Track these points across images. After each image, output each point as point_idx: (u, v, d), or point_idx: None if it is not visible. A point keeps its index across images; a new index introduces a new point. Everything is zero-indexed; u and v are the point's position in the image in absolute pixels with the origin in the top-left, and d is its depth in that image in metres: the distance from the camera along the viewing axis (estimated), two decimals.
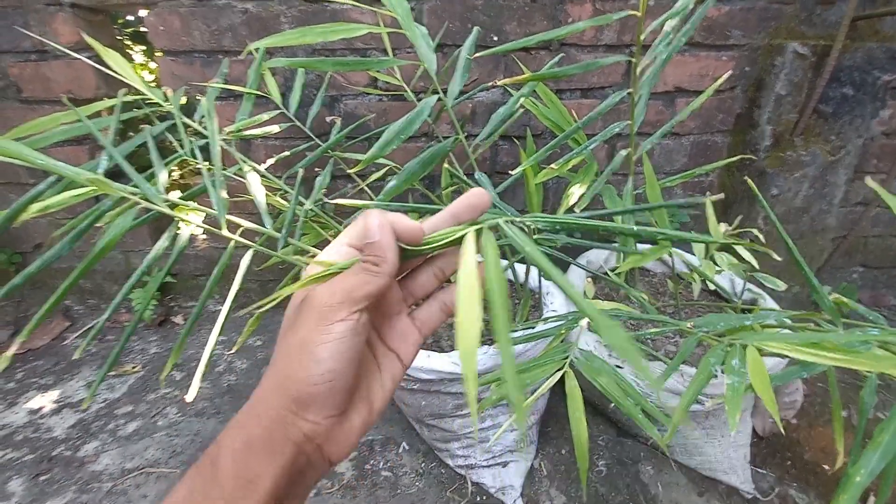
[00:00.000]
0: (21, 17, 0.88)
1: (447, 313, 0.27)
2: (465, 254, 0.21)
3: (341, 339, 0.21)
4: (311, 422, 0.22)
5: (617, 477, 0.75)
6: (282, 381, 0.22)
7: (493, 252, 0.20)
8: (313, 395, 0.22)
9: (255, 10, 0.87)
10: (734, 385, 0.39)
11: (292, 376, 0.22)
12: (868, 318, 0.50)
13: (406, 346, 0.26)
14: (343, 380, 0.22)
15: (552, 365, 0.48)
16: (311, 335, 0.21)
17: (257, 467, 0.21)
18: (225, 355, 1.03)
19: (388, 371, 0.26)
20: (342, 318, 0.21)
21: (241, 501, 0.20)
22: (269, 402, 0.22)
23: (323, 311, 0.21)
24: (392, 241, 0.22)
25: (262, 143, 0.99)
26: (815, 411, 0.88)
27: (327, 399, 0.22)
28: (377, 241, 0.22)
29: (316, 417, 0.22)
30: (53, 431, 0.84)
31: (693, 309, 0.87)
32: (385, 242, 0.22)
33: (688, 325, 0.52)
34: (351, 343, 0.22)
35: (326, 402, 0.22)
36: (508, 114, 0.67)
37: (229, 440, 0.22)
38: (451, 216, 0.24)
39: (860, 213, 1.14)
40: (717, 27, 0.93)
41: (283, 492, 0.22)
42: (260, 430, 0.22)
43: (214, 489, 0.21)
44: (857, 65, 0.91)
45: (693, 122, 1.02)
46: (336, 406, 0.23)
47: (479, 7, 0.89)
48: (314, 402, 0.22)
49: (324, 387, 0.21)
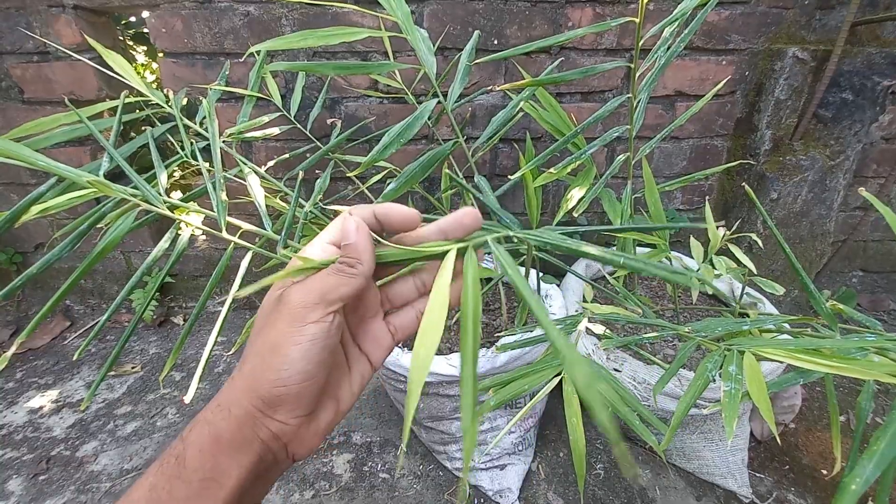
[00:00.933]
0: (24, 19, 0.88)
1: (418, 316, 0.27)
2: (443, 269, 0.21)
3: (313, 341, 0.21)
4: (280, 421, 0.22)
5: (615, 480, 0.75)
6: (252, 382, 0.22)
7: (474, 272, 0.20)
8: (283, 397, 0.22)
9: (257, 13, 0.87)
10: (731, 391, 0.39)
11: (263, 377, 0.21)
12: (865, 324, 0.50)
13: (379, 349, 0.26)
14: (314, 381, 0.22)
15: (550, 370, 0.48)
16: (284, 336, 0.21)
17: (224, 464, 0.21)
18: (224, 356, 1.03)
19: (358, 372, 0.26)
20: (315, 319, 0.21)
21: (206, 498, 0.20)
22: (238, 400, 0.22)
23: (296, 312, 0.21)
24: (368, 243, 0.22)
25: (262, 145, 0.99)
26: (813, 416, 0.88)
27: (297, 400, 0.22)
28: (353, 244, 0.22)
29: (285, 418, 0.22)
30: (53, 431, 0.84)
31: (692, 313, 0.87)
32: (361, 245, 0.22)
33: (685, 330, 0.52)
34: (323, 345, 0.21)
35: (296, 403, 0.22)
36: (508, 117, 0.67)
37: (196, 437, 0.22)
38: (440, 231, 0.24)
39: (859, 218, 1.14)
40: (717, 32, 0.93)
41: (247, 488, 0.22)
42: (228, 427, 0.22)
43: (179, 486, 0.21)
44: (856, 70, 0.91)
45: (693, 126, 1.02)
46: (305, 407, 0.23)
47: (479, 11, 0.89)
48: (284, 403, 0.22)
49: (294, 388, 0.21)
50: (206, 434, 0.22)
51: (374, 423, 0.86)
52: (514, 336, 0.67)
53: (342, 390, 0.25)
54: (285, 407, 0.22)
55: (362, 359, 0.26)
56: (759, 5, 0.92)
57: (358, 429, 0.85)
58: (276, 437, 0.22)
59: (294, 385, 0.21)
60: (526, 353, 0.68)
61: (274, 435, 0.22)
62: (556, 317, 0.74)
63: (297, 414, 0.22)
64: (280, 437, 0.22)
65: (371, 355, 0.26)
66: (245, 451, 0.21)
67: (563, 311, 0.76)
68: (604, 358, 0.75)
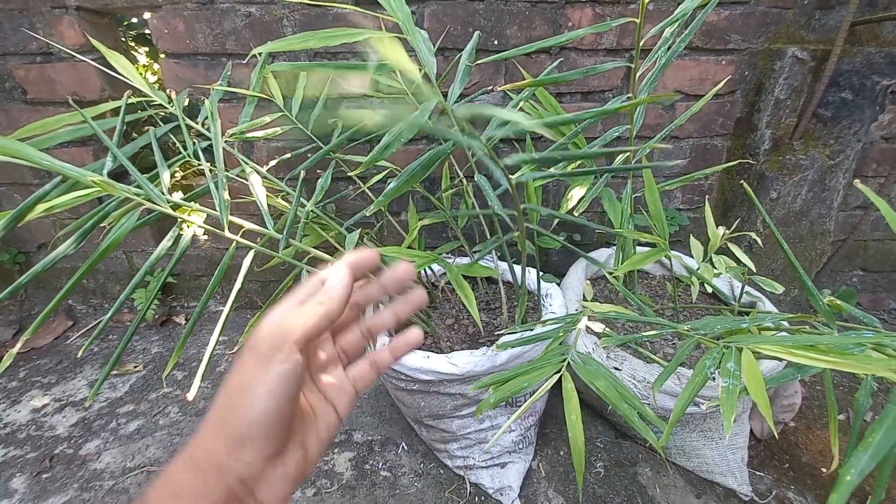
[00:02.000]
0: (27, 20, 0.89)
1: (377, 372, 0.30)
2: None
3: (280, 379, 0.22)
4: (246, 463, 0.22)
5: (615, 478, 0.76)
6: (220, 424, 0.22)
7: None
8: (250, 434, 0.22)
9: (259, 14, 0.88)
10: (729, 388, 0.40)
11: (231, 416, 0.22)
12: (863, 321, 0.50)
13: (343, 398, 0.28)
14: (280, 420, 0.22)
15: (550, 368, 0.48)
16: (251, 376, 0.22)
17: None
18: (226, 355, 1.04)
19: (325, 421, 0.27)
20: (281, 360, 0.22)
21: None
22: (206, 445, 0.22)
23: (263, 352, 0.22)
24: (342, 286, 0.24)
25: (263, 145, 1.00)
26: (813, 414, 0.88)
27: (265, 439, 0.22)
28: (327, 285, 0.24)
29: (251, 458, 0.22)
30: (56, 430, 0.85)
31: (692, 312, 0.87)
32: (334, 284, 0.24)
33: (685, 328, 0.52)
34: (289, 383, 0.22)
35: (263, 441, 0.22)
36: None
37: (154, 493, 0.22)
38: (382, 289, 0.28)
39: (860, 217, 1.14)
40: (716, 32, 0.93)
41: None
42: (192, 475, 0.22)
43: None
44: (856, 69, 0.91)
45: (693, 126, 1.02)
46: (272, 446, 0.23)
47: (479, 11, 0.89)
48: (250, 441, 0.22)
49: (261, 426, 0.22)
50: (166, 487, 0.22)
51: (374, 421, 0.87)
52: (514, 334, 0.67)
53: (309, 438, 0.26)
54: (251, 445, 0.22)
55: (328, 408, 0.27)
56: (759, 5, 0.93)
57: (359, 427, 0.86)
58: (242, 481, 0.22)
59: (261, 422, 0.22)
60: (526, 351, 0.68)
61: (240, 479, 0.22)
62: (555, 315, 0.75)
63: (263, 454, 0.23)
64: (246, 481, 0.22)
65: (336, 404, 0.27)
66: (208, 498, 0.21)
67: (562, 309, 0.76)
68: (603, 356, 0.76)
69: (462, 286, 0.66)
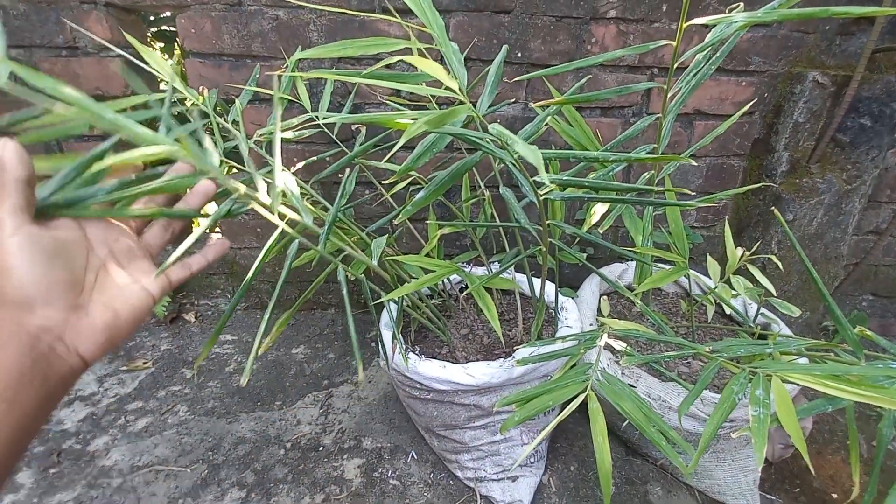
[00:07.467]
0: (55, 14, 0.89)
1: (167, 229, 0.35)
2: None
3: (20, 249, 0.24)
4: (41, 316, 0.25)
5: (626, 497, 0.75)
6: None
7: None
8: (28, 297, 0.25)
9: (286, 18, 0.88)
10: (759, 416, 0.39)
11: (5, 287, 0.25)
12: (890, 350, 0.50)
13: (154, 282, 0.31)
14: (48, 280, 0.25)
15: (574, 387, 0.48)
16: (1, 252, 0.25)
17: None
18: (235, 356, 1.04)
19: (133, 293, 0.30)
20: (10, 233, 0.24)
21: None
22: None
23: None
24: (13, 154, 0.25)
25: (284, 147, 1.00)
26: (824, 439, 0.88)
27: (44, 299, 0.25)
28: None
29: (44, 312, 0.25)
30: (64, 424, 0.85)
31: (706, 331, 0.87)
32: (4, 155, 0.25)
33: (706, 350, 0.52)
34: (32, 249, 0.25)
35: (44, 300, 0.25)
36: (534, 131, 0.68)
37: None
38: None
39: (873, 242, 1.14)
40: (738, 53, 0.94)
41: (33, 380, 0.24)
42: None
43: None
44: (875, 96, 0.92)
45: (710, 145, 1.03)
46: (61, 302, 0.26)
47: (505, 24, 0.90)
48: (34, 301, 0.25)
49: (35, 288, 0.25)
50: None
51: (385, 428, 0.86)
52: (531, 348, 0.67)
53: (117, 302, 0.29)
54: (38, 303, 0.25)
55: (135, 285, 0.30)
56: (781, 28, 0.93)
57: (368, 434, 0.85)
58: (44, 328, 0.25)
59: (33, 286, 0.25)
60: (542, 364, 0.68)
61: (40, 327, 0.25)
62: (571, 329, 0.75)
63: (54, 307, 0.26)
64: (50, 329, 0.25)
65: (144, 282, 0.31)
66: (6, 345, 0.23)
67: (578, 323, 0.76)
68: (619, 373, 0.75)
69: (484, 298, 0.66)
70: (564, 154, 0.46)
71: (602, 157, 0.45)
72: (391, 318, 0.70)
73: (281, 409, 0.90)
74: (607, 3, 0.88)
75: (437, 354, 0.75)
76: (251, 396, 0.93)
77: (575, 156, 0.47)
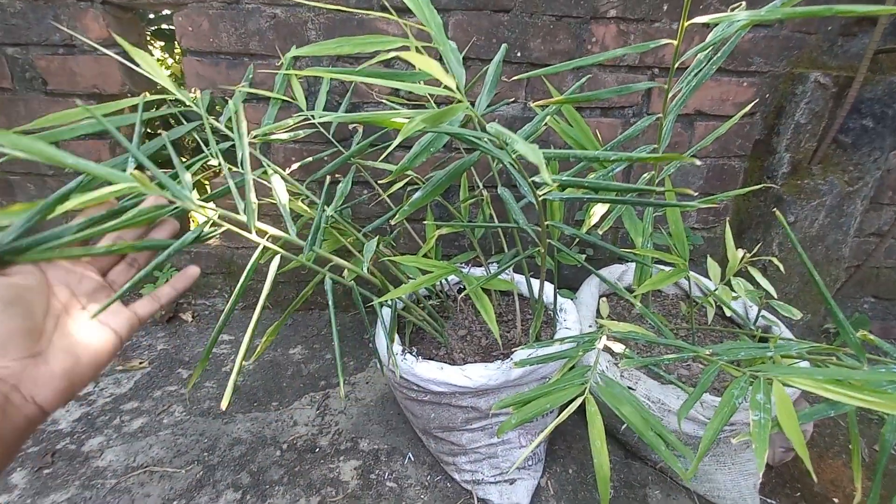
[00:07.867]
0: (52, 11, 0.89)
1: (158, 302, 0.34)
2: None
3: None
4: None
5: (625, 500, 0.75)
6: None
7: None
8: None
9: (284, 16, 0.88)
10: (760, 421, 0.39)
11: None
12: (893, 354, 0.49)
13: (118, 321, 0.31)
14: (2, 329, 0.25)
15: (572, 389, 0.47)
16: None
17: None
18: (232, 355, 1.03)
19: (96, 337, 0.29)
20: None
21: None
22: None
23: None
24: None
25: (281, 147, 1.00)
26: (824, 442, 0.87)
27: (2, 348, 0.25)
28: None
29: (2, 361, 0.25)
30: (58, 424, 0.84)
31: (706, 333, 0.87)
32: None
33: (706, 353, 0.52)
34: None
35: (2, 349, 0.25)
36: (533, 131, 0.67)
37: None
38: None
39: (874, 244, 1.13)
40: (739, 53, 0.93)
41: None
42: None
43: None
44: (878, 97, 0.91)
45: (711, 146, 1.02)
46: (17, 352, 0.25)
47: (504, 23, 0.89)
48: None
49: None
50: None
51: (381, 430, 0.86)
52: (529, 350, 0.66)
53: (78, 348, 0.28)
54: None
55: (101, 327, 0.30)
56: (783, 29, 0.93)
57: (365, 435, 0.85)
58: (0, 379, 0.25)
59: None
60: (540, 366, 0.67)
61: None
62: (570, 331, 0.74)
63: (10, 357, 0.25)
64: (5, 380, 0.25)
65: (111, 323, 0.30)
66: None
67: (577, 325, 0.76)
68: (617, 375, 0.75)
69: (481, 299, 0.65)
70: (564, 154, 0.46)
71: (602, 156, 0.44)
72: (383, 325, 0.69)
73: (277, 409, 0.89)
74: (607, 2, 0.88)
75: (434, 356, 0.75)
76: (247, 397, 0.92)
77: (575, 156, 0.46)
